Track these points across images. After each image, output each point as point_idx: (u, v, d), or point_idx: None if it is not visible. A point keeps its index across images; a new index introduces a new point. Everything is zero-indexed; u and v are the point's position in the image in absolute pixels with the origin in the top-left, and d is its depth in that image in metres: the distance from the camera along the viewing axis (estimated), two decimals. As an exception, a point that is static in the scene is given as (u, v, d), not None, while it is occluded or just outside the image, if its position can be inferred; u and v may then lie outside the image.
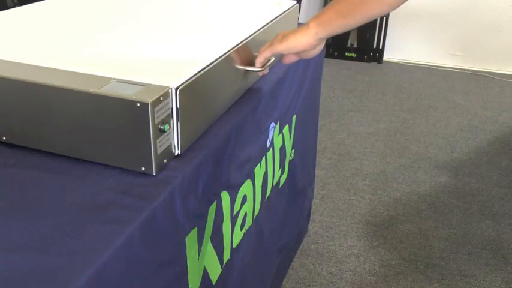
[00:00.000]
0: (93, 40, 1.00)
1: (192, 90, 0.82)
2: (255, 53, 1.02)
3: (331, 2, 0.88)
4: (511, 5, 3.67)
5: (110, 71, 0.82)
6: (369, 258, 1.82)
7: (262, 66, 1.00)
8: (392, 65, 3.92)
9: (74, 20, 1.15)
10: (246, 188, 1.10)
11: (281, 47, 0.95)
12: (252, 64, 1.01)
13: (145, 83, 0.78)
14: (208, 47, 0.97)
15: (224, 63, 0.93)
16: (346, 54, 3.99)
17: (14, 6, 1.31)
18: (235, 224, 1.07)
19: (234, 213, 1.05)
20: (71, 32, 1.05)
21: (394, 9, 0.84)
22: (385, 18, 3.81)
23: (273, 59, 1.02)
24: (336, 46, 3.99)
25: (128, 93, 0.75)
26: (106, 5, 1.27)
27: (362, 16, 0.85)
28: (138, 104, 0.72)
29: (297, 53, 0.98)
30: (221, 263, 1.02)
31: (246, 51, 1.00)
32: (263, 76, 1.10)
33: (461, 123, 2.93)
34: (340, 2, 0.85)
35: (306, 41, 0.91)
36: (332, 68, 3.81)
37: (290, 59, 1.01)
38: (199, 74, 0.84)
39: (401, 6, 0.85)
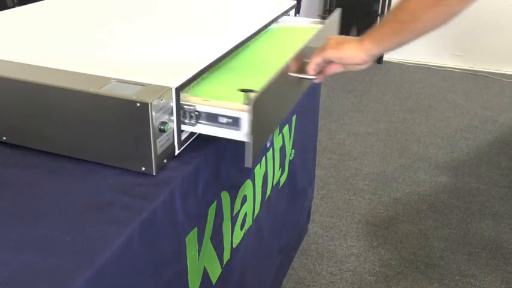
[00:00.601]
0: (93, 40, 1.00)
1: (261, 102, 0.78)
2: (306, 60, 0.97)
3: (383, 18, 0.87)
4: (511, 5, 3.67)
5: (110, 71, 0.82)
6: (369, 258, 1.82)
7: (316, 74, 0.95)
8: (392, 65, 3.92)
9: (74, 20, 1.14)
10: (246, 188, 1.10)
11: (334, 54, 0.92)
12: (303, 71, 0.96)
13: (145, 83, 0.78)
14: (208, 47, 0.97)
15: (284, 73, 0.88)
16: (346, 54, 3.99)
17: (14, 6, 1.31)
18: (235, 224, 1.07)
19: (234, 213, 1.05)
20: (71, 32, 1.05)
21: (446, 24, 0.82)
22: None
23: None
24: (336, 46, 3.98)
25: (128, 93, 0.75)
26: (106, 6, 1.27)
27: (414, 33, 0.84)
28: (138, 104, 0.72)
29: (345, 64, 0.94)
30: (221, 263, 1.02)
31: (299, 59, 0.95)
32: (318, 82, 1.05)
33: (461, 123, 2.93)
34: (392, 20, 0.85)
35: (359, 56, 0.90)
36: (332, 68, 3.80)
37: (335, 69, 0.97)
38: (268, 86, 0.79)
39: (401, 6, 0.85)
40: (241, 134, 0.80)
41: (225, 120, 0.80)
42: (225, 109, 0.79)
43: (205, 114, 0.81)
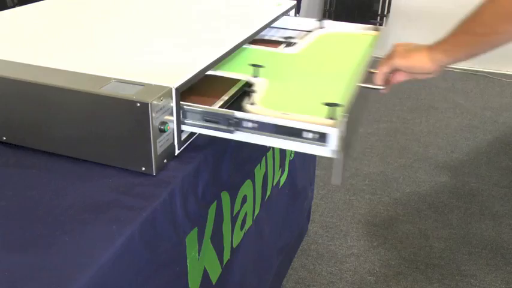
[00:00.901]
0: (93, 40, 1.00)
1: (349, 117, 0.75)
2: (371, 69, 0.94)
3: (454, 28, 0.84)
4: (511, 5, 3.67)
5: (110, 71, 0.82)
6: (369, 258, 1.81)
7: (383, 84, 0.93)
8: (392, 65, 3.92)
9: (74, 20, 1.14)
10: (246, 188, 1.10)
11: (402, 63, 0.90)
12: (370, 81, 0.92)
13: (146, 83, 0.78)
14: (208, 47, 0.97)
15: (357, 85, 0.85)
16: (346, 54, 3.98)
17: (14, 6, 1.31)
18: (235, 224, 1.07)
19: (234, 213, 1.05)
20: (71, 32, 1.05)
21: None
22: (385, 18, 3.81)
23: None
24: (336, 46, 3.97)
25: (128, 93, 0.75)
26: (106, 6, 1.27)
27: (489, 46, 0.82)
28: (138, 104, 0.72)
29: (413, 73, 0.93)
30: (221, 263, 1.02)
31: (365, 68, 0.92)
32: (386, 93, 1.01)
33: (461, 123, 2.93)
34: (465, 31, 0.83)
35: (428, 66, 0.88)
36: (332, 68, 3.80)
37: (401, 78, 0.95)
38: (353, 99, 0.76)
39: (401, 6, 0.84)
40: (328, 150, 0.75)
41: (310, 135, 0.74)
42: (312, 124, 0.74)
43: (281, 128, 0.76)
